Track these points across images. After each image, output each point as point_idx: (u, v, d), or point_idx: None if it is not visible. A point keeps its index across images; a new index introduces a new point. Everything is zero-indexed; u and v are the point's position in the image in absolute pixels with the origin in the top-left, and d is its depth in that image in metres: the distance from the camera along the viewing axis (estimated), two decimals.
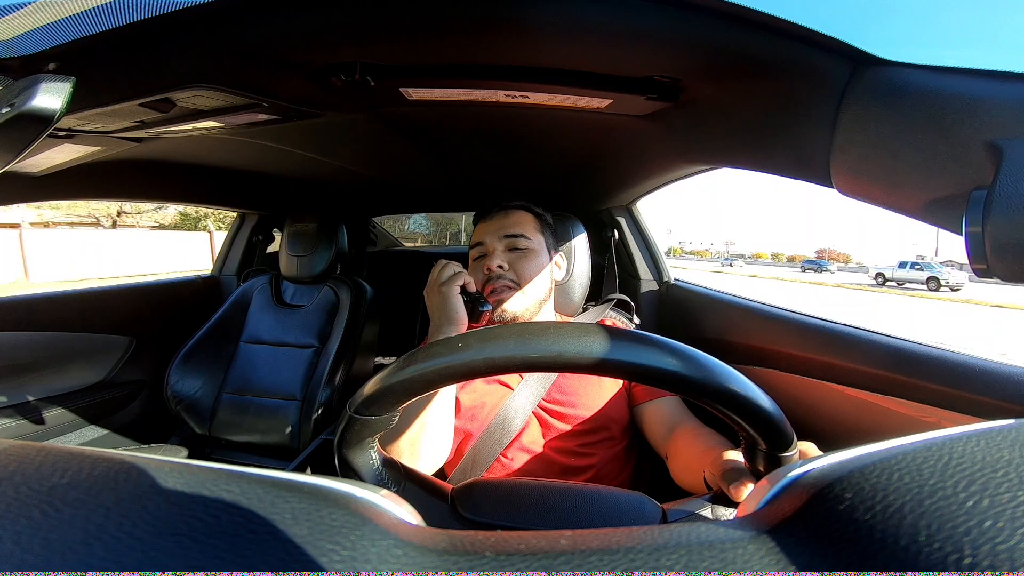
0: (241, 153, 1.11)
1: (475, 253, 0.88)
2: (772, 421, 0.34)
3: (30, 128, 0.43)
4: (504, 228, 0.86)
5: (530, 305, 0.83)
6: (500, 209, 0.89)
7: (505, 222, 0.87)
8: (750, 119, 0.58)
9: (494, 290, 0.81)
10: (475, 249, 0.88)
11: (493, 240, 0.85)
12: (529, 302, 0.83)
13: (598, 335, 0.34)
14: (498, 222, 0.87)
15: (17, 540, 0.15)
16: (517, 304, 0.82)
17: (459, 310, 0.73)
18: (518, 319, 0.82)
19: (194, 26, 0.47)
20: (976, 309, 12.30)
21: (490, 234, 0.86)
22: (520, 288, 0.82)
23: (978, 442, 0.18)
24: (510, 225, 0.86)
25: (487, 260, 0.83)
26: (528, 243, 0.85)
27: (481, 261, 0.86)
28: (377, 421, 0.39)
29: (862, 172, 0.46)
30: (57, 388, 1.28)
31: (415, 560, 0.16)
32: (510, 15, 0.46)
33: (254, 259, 1.74)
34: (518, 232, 0.85)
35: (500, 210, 0.89)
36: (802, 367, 0.75)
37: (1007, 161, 0.32)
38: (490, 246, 0.85)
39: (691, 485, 0.60)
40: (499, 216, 0.88)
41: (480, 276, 0.84)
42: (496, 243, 0.85)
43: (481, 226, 0.89)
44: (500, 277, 0.82)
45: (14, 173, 0.96)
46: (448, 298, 0.73)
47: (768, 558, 0.16)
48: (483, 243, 0.86)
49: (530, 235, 0.86)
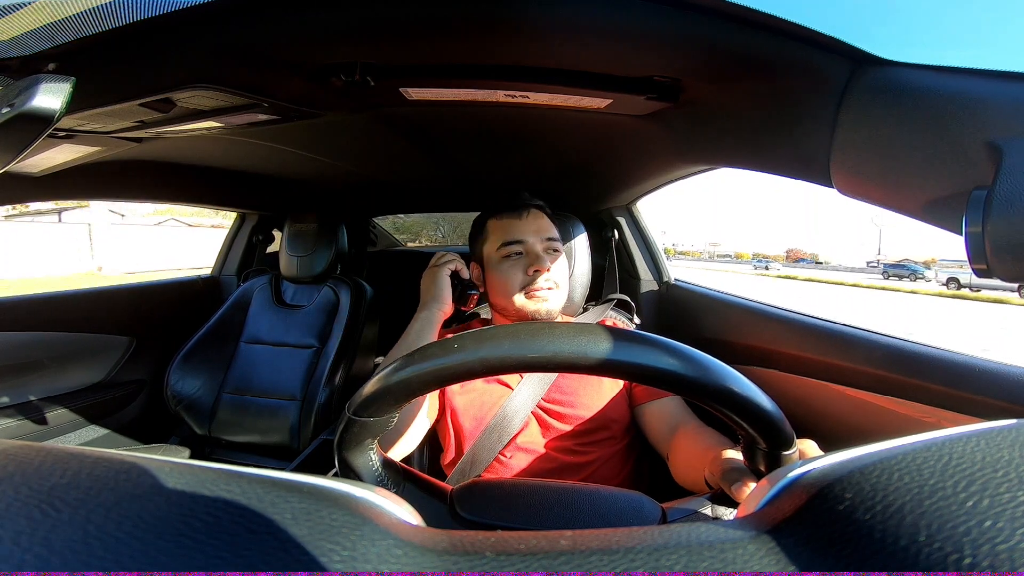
0: (241, 153, 1.11)
1: (509, 251, 0.84)
2: (771, 420, 0.34)
3: (30, 128, 0.43)
4: (542, 231, 0.86)
5: (561, 306, 0.85)
6: (530, 207, 0.88)
7: (541, 224, 0.86)
8: (750, 119, 0.58)
9: (539, 291, 0.81)
10: (508, 247, 0.84)
11: (536, 242, 0.84)
12: (562, 303, 0.86)
13: (594, 335, 0.34)
14: (534, 223, 0.86)
15: (17, 540, 0.15)
16: (557, 303, 0.83)
17: (445, 289, 0.82)
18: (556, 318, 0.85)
19: (194, 26, 0.47)
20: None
21: (530, 235, 0.84)
22: (558, 288, 0.84)
23: (978, 442, 0.19)
24: (547, 228, 0.87)
25: (533, 262, 0.82)
26: (561, 248, 0.87)
27: (517, 260, 0.83)
28: (376, 423, 0.38)
29: (862, 172, 0.46)
30: (57, 388, 1.28)
31: (415, 560, 0.16)
32: (510, 15, 0.46)
33: (254, 259, 1.74)
34: (555, 236, 0.87)
35: (532, 208, 0.88)
36: (802, 367, 0.75)
37: (1007, 161, 0.32)
38: (532, 247, 0.83)
39: (693, 485, 0.60)
40: (533, 216, 0.87)
41: (521, 277, 0.82)
42: (538, 245, 0.84)
43: (513, 223, 0.86)
44: (547, 279, 0.82)
45: (14, 173, 0.96)
46: (438, 278, 0.83)
47: (768, 558, 0.16)
48: (523, 242, 0.84)
49: (560, 239, 0.88)
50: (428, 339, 0.77)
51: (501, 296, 0.84)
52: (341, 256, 1.49)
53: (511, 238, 0.84)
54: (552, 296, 0.82)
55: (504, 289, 0.83)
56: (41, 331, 1.24)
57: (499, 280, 0.83)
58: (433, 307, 0.81)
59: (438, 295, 0.82)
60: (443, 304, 0.81)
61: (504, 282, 0.82)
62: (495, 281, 0.84)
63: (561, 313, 0.99)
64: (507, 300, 0.83)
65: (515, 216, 0.86)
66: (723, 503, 0.43)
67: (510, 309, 0.83)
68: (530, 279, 0.81)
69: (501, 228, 0.86)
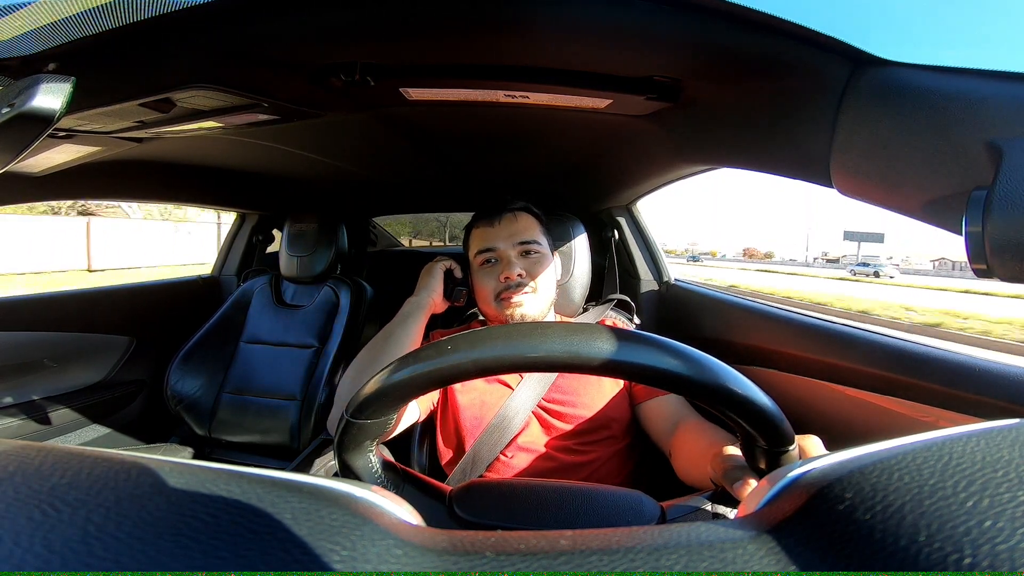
0: (241, 153, 1.11)
1: (482, 259, 0.85)
2: (770, 418, 0.34)
3: (30, 128, 0.43)
4: (515, 235, 0.84)
5: (544, 307, 0.84)
6: (505, 212, 0.87)
7: (515, 228, 0.85)
8: (750, 119, 0.58)
9: (512, 296, 0.81)
10: (482, 255, 0.85)
11: (507, 247, 0.83)
12: (544, 305, 0.84)
13: (587, 335, 0.34)
14: (507, 228, 0.85)
15: (17, 540, 0.15)
16: (534, 307, 0.82)
17: (436, 281, 0.86)
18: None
19: (194, 26, 0.47)
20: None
21: (501, 240, 0.84)
22: (535, 291, 0.82)
23: (978, 442, 0.18)
24: (521, 231, 0.85)
25: (503, 268, 0.81)
26: (540, 248, 0.85)
27: (491, 268, 0.84)
28: (374, 425, 0.38)
29: (862, 172, 0.46)
30: (57, 388, 1.28)
31: (415, 560, 0.16)
32: (510, 15, 0.46)
33: (254, 259, 1.73)
34: (530, 239, 0.85)
35: (506, 213, 0.87)
36: (802, 367, 0.75)
37: (1007, 161, 0.32)
38: (503, 253, 0.83)
39: (696, 481, 0.60)
40: (507, 221, 0.86)
41: (494, 284, 0.82)
42: (510, 250, 0.83)
43: (487, 231, 0.86)
44: (519, 284, 0.81)
45: (14, 173, 0.95)
46: (433, 272, 0.88)
47: (768, 558, 0.16)
48: (494, 249, 0.84)
49: (540, 240, 0.86)
50: (413, 325, 0.79)
51: (481, 302, 0.86)
52: (341, 256, 1.49)
53: (484, 246, 0.85)
54: (528, 300, 0.81)
55: (482, 295, 0.85)
56: (41, 331, 1.24)
57: (478, 287, 0.86)
58: (423, 295, 0.84)
59: (430, 285, 0.86)
60: (433, 294, 0.85)
61: (480, 289, 0.85)
62: (476, 288, 0.86)
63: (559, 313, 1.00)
64: (486, 306, 0.85)
65: (488, 224, 0.87)
66: (725, 503, 0.43)
67: (489, 315, 0.86)
68: (503, 285, 0.82)
69: (477, 236, 0.87)
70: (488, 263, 0.85)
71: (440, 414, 0.83)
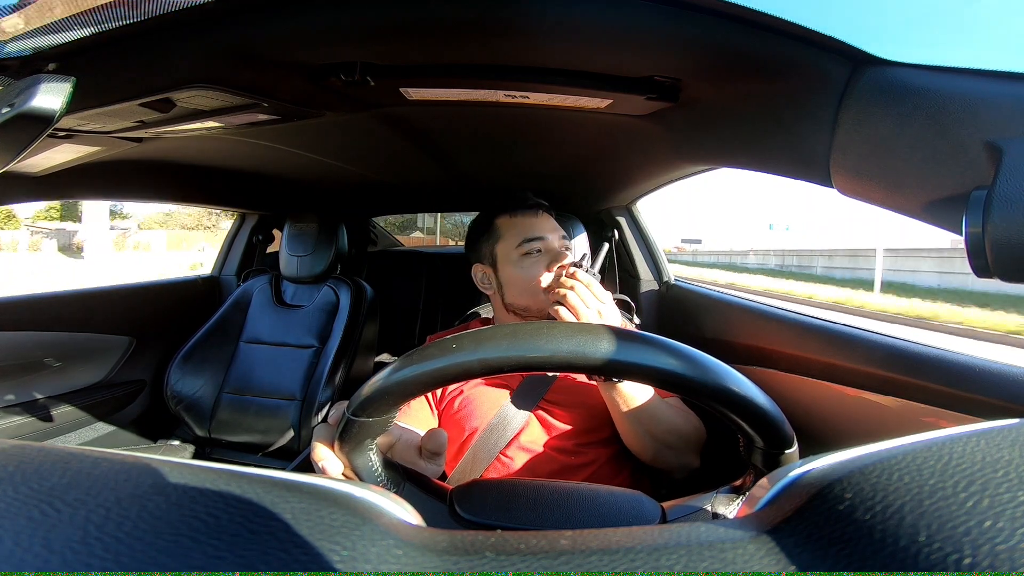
0: (241, 153, 1.11)
1: (530, 247, 0.83)
2: (770, 420, 0.34)
3: (30, 128, 0.43)
4: (558, 230, 0.87)
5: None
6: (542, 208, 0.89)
7: (554, 222, 0.88)
8: (750, 119, 0.58)
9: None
10: (529, 244, 0.83)
11: (556, 239, 0.85)
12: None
13: (593, 334, 0.34)
14: (550, 222, 0.88)
15: (17, 540, 0.15)
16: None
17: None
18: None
19: (194, 26, 0.47)
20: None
21: (550, 232, 0.85)
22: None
23: (978, 442, 0.18)
24: (559, 227, 0.88)
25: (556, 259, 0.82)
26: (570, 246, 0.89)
27: (538, 257, 0.83)
28: (375, 423, 0.38)
29: (862, 172, 0.46)
30: (57, 388, 1.28)
31: (415, 560, 0.16)
32: (510, 15, 0.46)
33: (254, 259, 1.74)
34: (565, 235, 0.89)
35: (545, 209, 0.89)
36: (802, 367, 0.75)
37: (1007, 161, 0.32)
38: (551, 244, 0.84)
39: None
40: (548, 216, 0.88)
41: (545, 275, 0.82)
42: (556, 242, 0.85)
43: (532, 221, 0.86)
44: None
45: (14, 173, 0.95)
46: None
47: (768, 558, 0.16)
48: (543, 239, 0.84)
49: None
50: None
51: (524, 295, 0.83)
52: (341, 256, 1.49)
53: (532, 234, 0.84)
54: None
55: (528, 287, 0.82)
56: (41, 331, 1.24)
57: (521, 278, 0.83)
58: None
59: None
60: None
61: (528, 280, 0.82)
62: (515, 280, 0.84)
63: None
64: (531, 298, 0.82)
65: (531, 214, 0.87)
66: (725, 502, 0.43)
67: (533, 308, 0.83)
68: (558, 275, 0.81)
69: (518, 226, 0.86)
70: (531, 254, 0.84)
71: (440, 414, 0.83)
